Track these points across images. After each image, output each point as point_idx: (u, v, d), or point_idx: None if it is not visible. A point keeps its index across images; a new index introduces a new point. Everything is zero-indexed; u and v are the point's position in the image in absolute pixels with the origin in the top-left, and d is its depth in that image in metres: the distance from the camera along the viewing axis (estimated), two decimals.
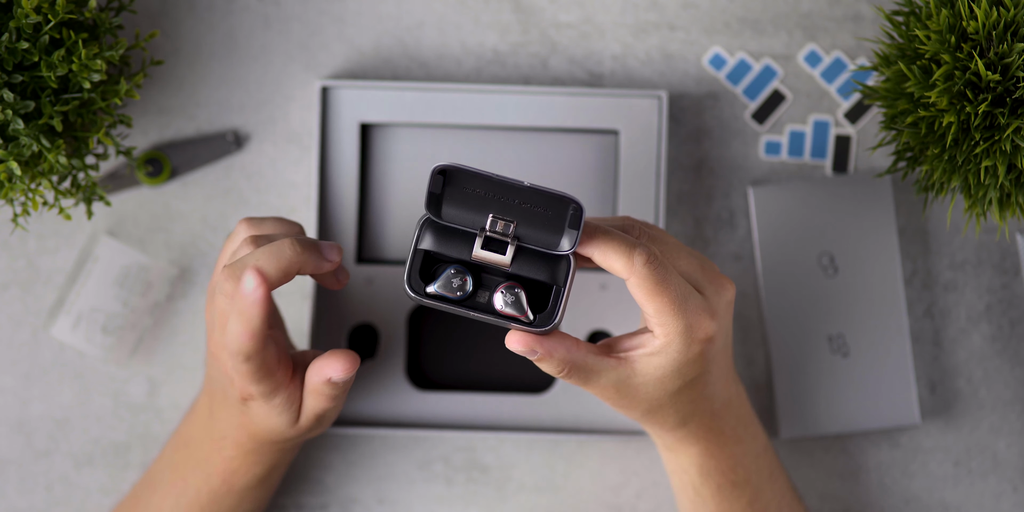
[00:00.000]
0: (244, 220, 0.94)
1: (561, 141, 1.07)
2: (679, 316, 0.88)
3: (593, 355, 0.90)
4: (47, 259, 1.08)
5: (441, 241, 0.88)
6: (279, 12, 1.09)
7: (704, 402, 0.94)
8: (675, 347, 0.89)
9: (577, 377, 0.90)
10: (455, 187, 0.87)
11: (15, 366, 1.09)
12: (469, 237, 0.88)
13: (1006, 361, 1.09)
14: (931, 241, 1.09)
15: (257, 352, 0.90)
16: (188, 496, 1.00)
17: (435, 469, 1.09)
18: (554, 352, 0.89)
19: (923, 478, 1.09)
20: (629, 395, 0.91)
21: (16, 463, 1.09)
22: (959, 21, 0.93)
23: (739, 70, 1.09)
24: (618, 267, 0.88)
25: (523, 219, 0.87)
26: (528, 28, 1.09)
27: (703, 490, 0.98)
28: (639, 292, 0.88)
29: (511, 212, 0.87)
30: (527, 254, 0.88)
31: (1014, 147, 0.93)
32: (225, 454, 0.98)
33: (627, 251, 0.88)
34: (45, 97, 0.95)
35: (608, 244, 0.88)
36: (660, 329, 0.89)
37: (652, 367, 0.90)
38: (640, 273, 0.87)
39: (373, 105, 1.07)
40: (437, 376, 1.08)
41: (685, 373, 0.90)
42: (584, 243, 0.88)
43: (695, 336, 0.89)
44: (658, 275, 0.88)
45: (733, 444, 0.97)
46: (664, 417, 0.94)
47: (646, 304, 0.88)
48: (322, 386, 0.92)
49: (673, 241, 0.92)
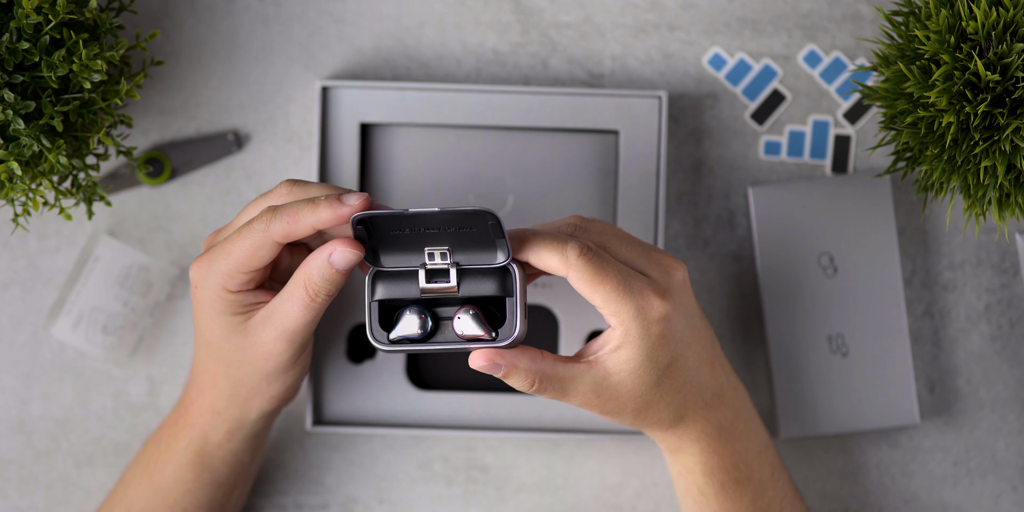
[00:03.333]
0: (287, 182, 0.94)
1: (561, 141, 1.07)
2: (625, 300, 0.89)
3: (561, 363, 0.91)
4: (48, 259, 1.09)
5: (390, 287, 0.90)
6: (279, 12, 1.09)
7: (692, 391, 0.94)
8: (634, 333, 0.90)
9: (552, 389, 0.91)
10: (382, 233, 0.89)
11: (15, 366, 1.09)
12: (414, 275, 0.89)
13: (1005, 361, 1.09)
14: (930, 241, 1.09)
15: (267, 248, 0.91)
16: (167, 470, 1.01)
17: (435, 469, 1.09)
18: (518, 362, 0.89)
19: (922, 478, 1.09)
20: (612, 397, 0.92)
21: (16, 463, 1.09)
22: (958, 21, 0.93)
23: (739, 70, 1.09)
24: (554, 265, 0.89)
25: (455, 243, 0.89)
26: (528, 28, 1.09)
27: (707, 489, 0.98)
28: (580, 285, 0.89)
29: (442, 240, 0.88)
30: (471, 275, 0.90)
31: (1013, 147, 0.93)
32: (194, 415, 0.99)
33: (559, 248, 0.89)
34: (46, 97, 0.95)
35: (540, 245, 0.89)
36: (614, 319, 0.90)
37: (622, 361, 0.91)
38: (576, 266, 0.89)
39: (373, 105, 1.07)
40: (437, 376, 1.08)
41: (656, 359, 0.91)
42: (517, 249, 0.89)
43: (649, 316, 0.90)
44: (594, 265, 0.89)
45: (735, 440, 0.97)
46: (656, 414, 0.94)
47: (592, 295, 0.89)
48: (319, 271, 0.90)
49: (621, 233, 0.93)
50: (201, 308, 0.94)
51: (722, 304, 1.09)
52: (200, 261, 0.93)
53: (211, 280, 0.92)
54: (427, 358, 1.08)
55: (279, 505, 1.09)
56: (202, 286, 0.93)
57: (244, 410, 0.98)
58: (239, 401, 0.97)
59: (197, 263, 0.93)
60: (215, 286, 0.92)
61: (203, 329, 0.95)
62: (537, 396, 0.93)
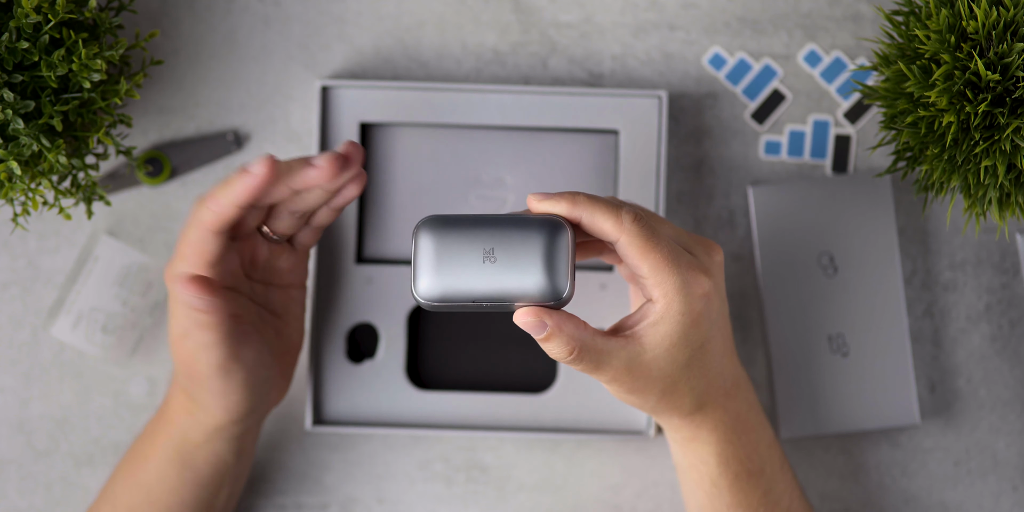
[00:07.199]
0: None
1: (561, 141, 1.07)
2: (674, 271, 0.89)
3: (601, 336, 0.90)
4: (47, 259, 1.08)
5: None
6: (279, 12, 1.09)
7: (716, 377, 0.94)
8: (676, 307, 0.89)
9: (587, 360, 0.90)
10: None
11: (15, 366, 1.09)
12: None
13: (1006, 361, 1.09)
14: (931, 241, 1.09)
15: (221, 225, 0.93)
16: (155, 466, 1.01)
17: (435, 469, 1.09)
18: (563, 326, 0.88)
19: (923, 478, 1.09)
20: (643, 375, 0.91)
21: (16, 463, 1.09)
22: (959, 21, 0.93)
23: (739, 70, 1.09)
24: (608, 228, 0.89)
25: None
26: (528, 28, 1.09)
27: (721, 481, 0.97)
28: (631, 250, 0.89)
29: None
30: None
31: (1014, 147, 0.93)
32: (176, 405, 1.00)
33: (614, 211, 0.89)
34: (45, 97, 0.95)
35: (595, 207, 0.89)
36: (658, 289, 0.89)
37: (660, 336, 0.90)
38: (630, 230, 0.89)
39: (373, 105, 1.07)
40: (437, 376, 1.08)
41: (691, 338, 0.90)
42: (572, 206, 0.89)
43: (693, 291, 0.90)
44: (647, 231, 0.89)
45: (749, 431, 0.97)
46: (680, 398, 0.93)
47: (640, 262, 0.89)
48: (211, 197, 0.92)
49: (656, 214, 0.93)
50: (173, 308, 0.95)
51: None
52: (167, 266, 0.96)
53: (175, 283, 0.94)
54: (427, 358, 1.08)
55: (279, 505, 1.09)
56: (169, 291, 0.95)
57: (209, 415, 0.98)
58: (202, 406, 0.98)
59: (166, 267, 0.96)
60: (180, 285, 0.94)
61: (174, 328, 0.96)
62: (570, 366, 0.92)
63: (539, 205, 0.89)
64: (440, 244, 0.88)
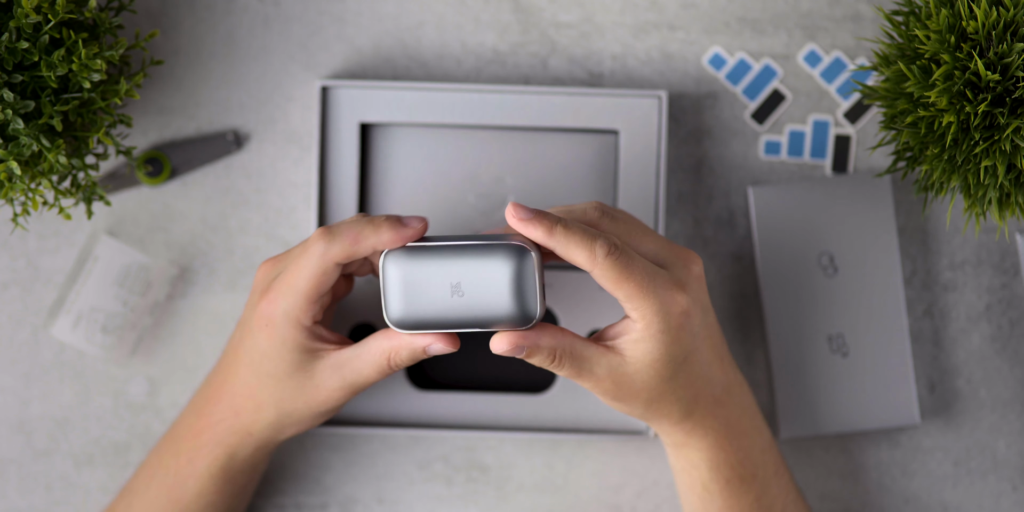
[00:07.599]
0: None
1: (561, 141, 1.07)
2: (648, 297, 0.90)
3: (581, 342, 0.91)
4: (47, 259, 1.08)
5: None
6: (279, 12, 1.09)
7: (704, 386, 0.94)
8: (655, 327, 0.90)
9: (570, 366, 0.91)
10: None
11: (15, 366, 1.09)
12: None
13: (1006, 361, 1.09)
14: (931, 241, 1.09)
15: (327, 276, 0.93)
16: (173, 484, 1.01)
17: (435, 469, 1.09)
18: (539, 341, 0.91)
19: (923, 478, 1.09)
20: (625, 385, 0.92)
21: (16, 463, 1.09)
22: (959, 21, 0.93)
23: (739, 70, 1.09)
24: (581, 260, 0.90)
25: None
26: (528, 28, 1.09)
27: (712, 486, 0.98)
28: (605, 282, 0.90)
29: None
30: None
31: (1014, 147, 0.93)
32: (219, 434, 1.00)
33: (588, 245, 0.89)
34: (45, 97, 0.95)
35: (569, 239, 0.89)
36: (636, 313, 0.91)
37: (640, 353, 0.91)
38: (603, 265, 0.89)
39: (373, 105, 1.07)
40: (437, 376, 1.08)
41: (674, 354, 0.91)
42: (548, 237, 0.89)
43: (671, 311, 0.90)
44: (621, 263, 0.89)
45: (741, 437, 0.97)
46: (667, 407, 0.94)
47: (615, 291, 0.90)
48: (409, 352, 0.93)
49: (638, 223, 0.94)
50: (272, 344, 0.95)
51: (722, 304, 1.09)
52: (269, 298, 0.94)
53: (286, 318, 0.94)
54: (427, 358, 1.08)
55: (279, 505, 1.09)
56: (280, 323, 0.94)
57: (279, 434, 1.00)
58: (278, 428, 0.99)
59: (267, 299, 0.94)
60: (292, 323, 0.94)
61: (267, 362, 0.96)
62: (556, 373, 0.93)
63: (516, 226, 0.90)
64: (407, 278, 0.90)
